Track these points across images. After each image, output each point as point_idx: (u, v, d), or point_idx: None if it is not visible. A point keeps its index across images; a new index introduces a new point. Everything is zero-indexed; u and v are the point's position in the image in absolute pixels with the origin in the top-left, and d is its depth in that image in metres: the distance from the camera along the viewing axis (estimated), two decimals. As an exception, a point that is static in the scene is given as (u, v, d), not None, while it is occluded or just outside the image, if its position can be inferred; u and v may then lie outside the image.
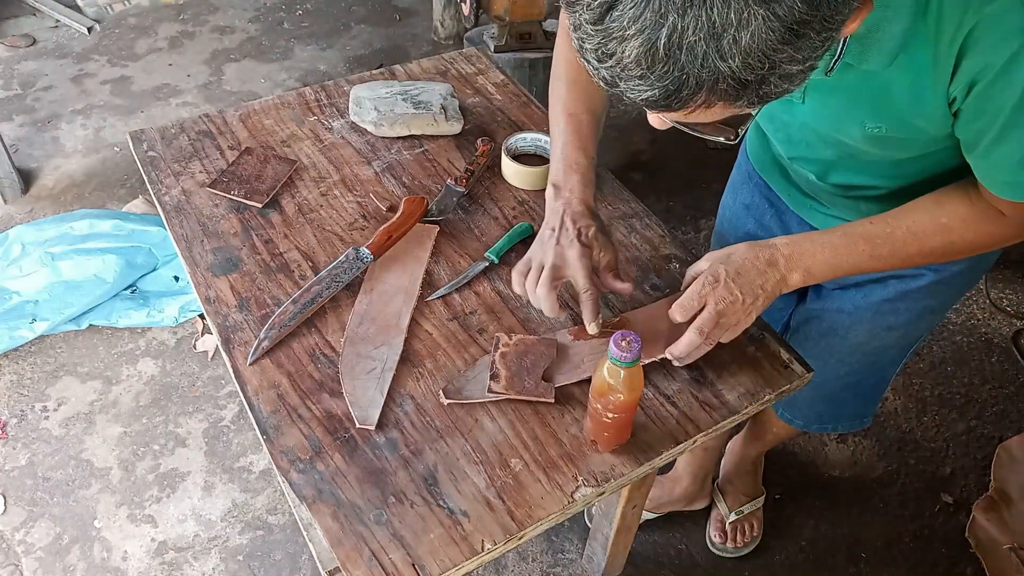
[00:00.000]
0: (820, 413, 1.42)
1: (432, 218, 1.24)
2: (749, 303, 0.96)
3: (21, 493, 1.81)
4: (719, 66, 0.59)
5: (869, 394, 1.40)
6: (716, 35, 0.57)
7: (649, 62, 0.60)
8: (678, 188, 2.66)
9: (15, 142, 2.75)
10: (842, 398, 1.37)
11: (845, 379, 1.32)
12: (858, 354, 1.27)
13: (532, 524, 0.89)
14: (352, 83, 1.49)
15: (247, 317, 1.09)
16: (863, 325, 1.22)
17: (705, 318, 0.96)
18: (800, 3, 0.57)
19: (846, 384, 1.34)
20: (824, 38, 0.62)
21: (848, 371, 1.30)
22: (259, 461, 1.88)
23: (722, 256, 0.99)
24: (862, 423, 1.44)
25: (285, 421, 0.98)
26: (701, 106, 0.64)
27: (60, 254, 2.06)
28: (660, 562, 1.76)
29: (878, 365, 1.32)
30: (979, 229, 0.92)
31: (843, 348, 1.26)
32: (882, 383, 1.39)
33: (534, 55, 2.32)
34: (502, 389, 1.00)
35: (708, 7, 0.56)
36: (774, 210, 1.27)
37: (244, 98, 2.99)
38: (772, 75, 0.61)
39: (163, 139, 1.37)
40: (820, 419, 1.44)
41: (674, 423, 1.00)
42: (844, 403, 1.39)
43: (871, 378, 1.35)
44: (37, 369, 2.06)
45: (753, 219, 1.31)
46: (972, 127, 0.82)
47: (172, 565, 1.70)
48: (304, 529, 1.18)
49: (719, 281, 0.96)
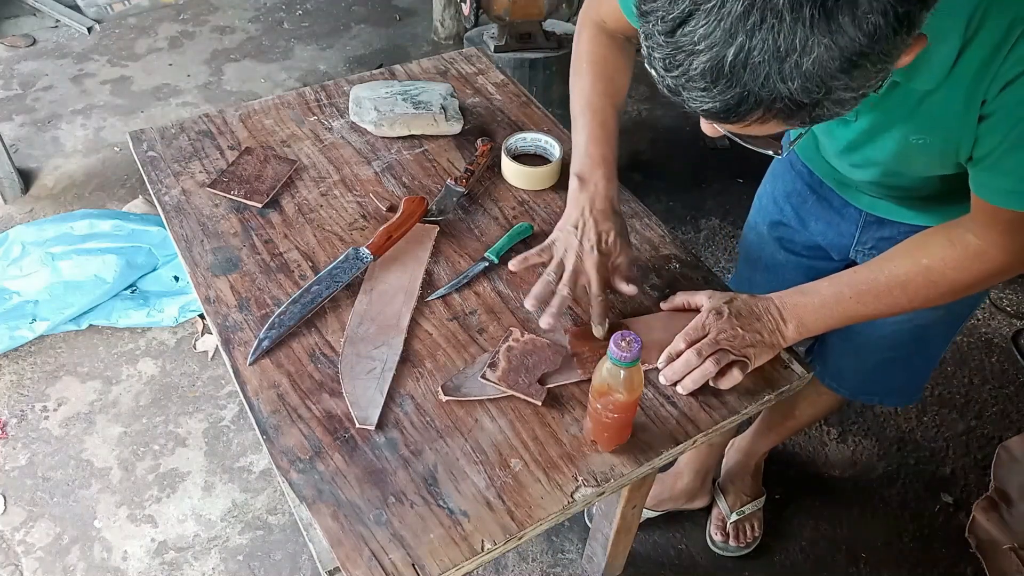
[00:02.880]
0: (865, 383, 1.40)
1: (432, 218, 1.24)
2: (748, 342, 1.01)
3: (21, 493, 1.81)
4: (779, 87, 0.63)
5: (917, 370, 1.38)
6: (780, 58, 0.61)
7: (714, 77, 0.63)
8: (678, 188, 2.66)
9: (15, 142, 2.75)
10: (888, 371, 1.36)
11: (890, 352, 1.31)
12: (903, 330, 1.26)
13: (532, 524, 0.89)
14: (352, 83, 1.49)
15: (247, 317, 1.09)
16: None
17: (704, 343, 1.01)
18: (862, 36, 0.60)
19: (892, 358, 1.32)
20: (879, 69, 0.65)
21: (892, 344, 1.29)
22: (259, 461, 1.88)
23: (725, 297, 1.05)
24: (911, 398, 1.42)
25: (285, 421, 0.98)
26: (757, 121, 0.68)
27: (60, 254, 2.06)
28: (660, 562, 1.76)
29: (924, 340, 1.29)
30: (960, 266, 0.93)
31: (887, 321, 1.23)
32: (931, 361, 1.38)
33: (534, 55, 2.32)
34: (495, 379, 1.01)
35: (776, 32, 0.60)
36: (815, 196, 1.27)
37: (244, 98, 2.99)
38: (827, 99, 0.65)
39: (163, 139, 1.37)
40: (866, 389, 1.42)
41: (674, 423, 1.00)
42: (890, 376, 1.37)
43: (918, 353, 1.33)
44: (37, 369, 2.06)
45: (791, 207, 1.31)
46: (992, 135, 0.82)
47: (172, 565, 1.70)
48: (304, 529, 1.18)
49: (722, 316, 1.02)
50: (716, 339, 1.01)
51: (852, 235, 1.24)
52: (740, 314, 1.03)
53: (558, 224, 1.10)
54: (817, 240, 1.30)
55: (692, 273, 1.19)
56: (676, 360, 1.02)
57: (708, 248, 2.47)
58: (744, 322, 1.02)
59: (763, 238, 1.39)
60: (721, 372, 1.01)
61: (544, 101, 1.76)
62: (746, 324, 1.02)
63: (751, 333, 1.02)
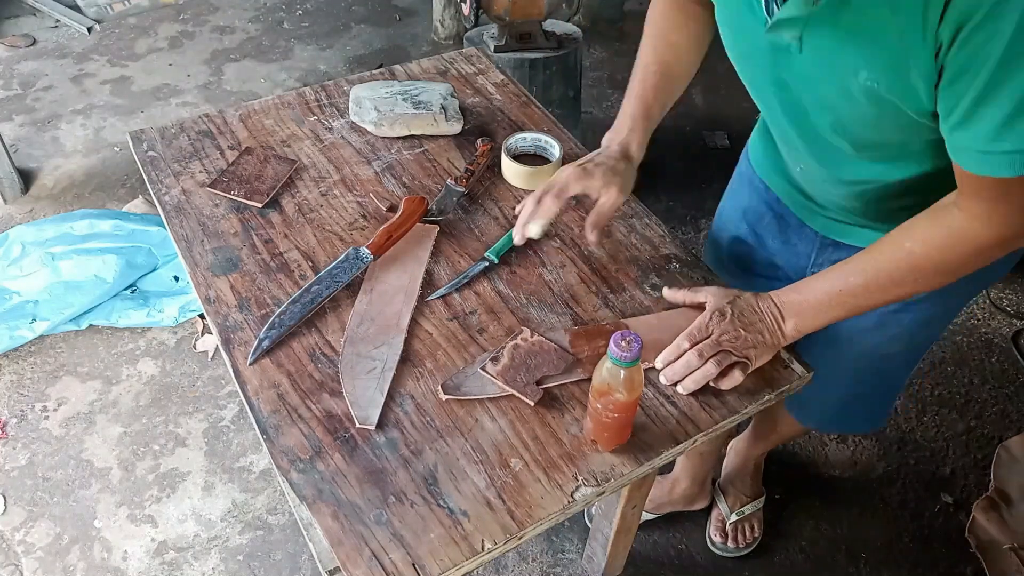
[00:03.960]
0: (831, 416, 1.43)
1: (432, 218, 1.24)
2: (750, 343, 1.01)
3: (21, 493, 1.81)
4: None
5: (881, 399, 1.40)
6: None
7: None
8: (678, 188, 2.66)
9: (15, 142, 2.75)
10: (853, 403, 1.37)
11: (855, 387, 1.32)
12: (864, 362, 1.26)
13: (532, 524, 0.89)
14: (352, 83, 1.49)
15: (247, 317, 1.09)
16: (867, 336, 1.21)
17: (707, 344, 1.01)
18: None
19: (856, 392, 1.33)
20: None
21: (856, 379, 1.30)
22: (259, 461, 1.88)
23: (728, 296, 1.05)
24: (875, 425, 1.44)
25: (285, 421, 0.98)
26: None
27: (60, 254, 2.06)
28: (660, 562, 1.76)
29: (886, 372, 1.31)
30: (944, 246, 0.89)
31: (849, 357, 1.25)
32: (893, 389, 1.40)
33: (534, 55, 2.32)
34: (494, 373, 1.01)
35: None
36: (772, 214, 1.26)
37: (244, 98, 2.99)
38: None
39: (163, 139, 1.37)
40: (832, 421, 1.45)
41: (674, 423, 1.00)
42: (855, 407, 1.38)
43: (881, 385, 1.35)
44: (37, 369, 2.06)
45: (747, 224, 1.31)
46: (954, 88, 0.75)
47: (172, 565, 1.70)
48: (304, 529, 1.17)
49: (725, 317, 1.02)
50: (718, 340, 1.01)
51: (808, 256, 1.22)
52: (743, 314, 1.02)
53: None
54: (774, 259, 1.29)
55: (692, 273, 1.19)
56: (677, 361, 1.02)
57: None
58: (747, 323, 1.02)
59: (721, 254, 1.39)
60: (722, 373, 1.01)
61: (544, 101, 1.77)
62: (749, 325, 1.02)
63: (753, 334, 1.02)
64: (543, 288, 1.16)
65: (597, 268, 1.19)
